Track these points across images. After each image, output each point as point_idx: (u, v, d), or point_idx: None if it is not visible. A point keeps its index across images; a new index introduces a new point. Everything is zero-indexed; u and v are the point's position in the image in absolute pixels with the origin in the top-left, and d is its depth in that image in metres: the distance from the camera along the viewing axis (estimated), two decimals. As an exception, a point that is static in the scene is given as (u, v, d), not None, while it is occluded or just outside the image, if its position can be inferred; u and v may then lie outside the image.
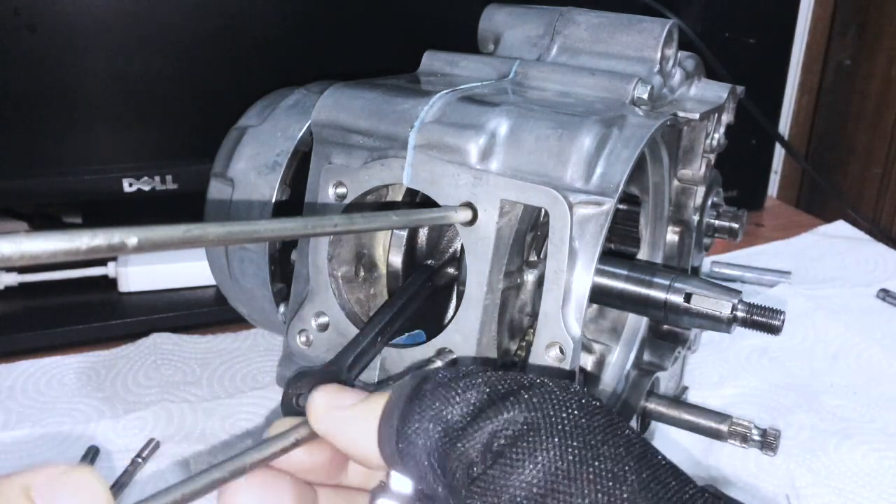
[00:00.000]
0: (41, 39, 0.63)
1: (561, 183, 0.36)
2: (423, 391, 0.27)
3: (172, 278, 0.71)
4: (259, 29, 0.70)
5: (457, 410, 0.26)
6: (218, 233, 0.25)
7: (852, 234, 0.91)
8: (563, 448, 0.25)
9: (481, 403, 0.26)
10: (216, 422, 0.55)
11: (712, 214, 0.52)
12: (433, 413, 0.26)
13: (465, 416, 0.26)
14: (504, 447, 0.25)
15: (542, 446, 0.24)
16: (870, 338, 0.68)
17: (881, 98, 0.96)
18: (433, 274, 0.43)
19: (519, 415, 0.25)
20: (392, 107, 0.39)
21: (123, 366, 0.61)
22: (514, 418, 0.25)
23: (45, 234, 0.20)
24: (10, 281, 0.68)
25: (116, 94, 0.68)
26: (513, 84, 0.44)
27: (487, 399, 0.26)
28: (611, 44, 0.46)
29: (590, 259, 0.35)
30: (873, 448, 0.55)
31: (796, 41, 0.99)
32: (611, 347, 0.51)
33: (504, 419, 0.25)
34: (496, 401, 0.26)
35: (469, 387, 0.27)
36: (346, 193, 0.40)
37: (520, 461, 0.24)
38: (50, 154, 0.67)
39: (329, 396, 0.29)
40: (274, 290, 0.46)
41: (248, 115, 0.49)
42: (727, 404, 0.59)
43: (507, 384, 0.27)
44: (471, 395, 0.26)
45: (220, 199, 0.47)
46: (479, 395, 0.26)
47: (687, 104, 0.46)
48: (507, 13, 0.49)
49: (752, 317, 0.42)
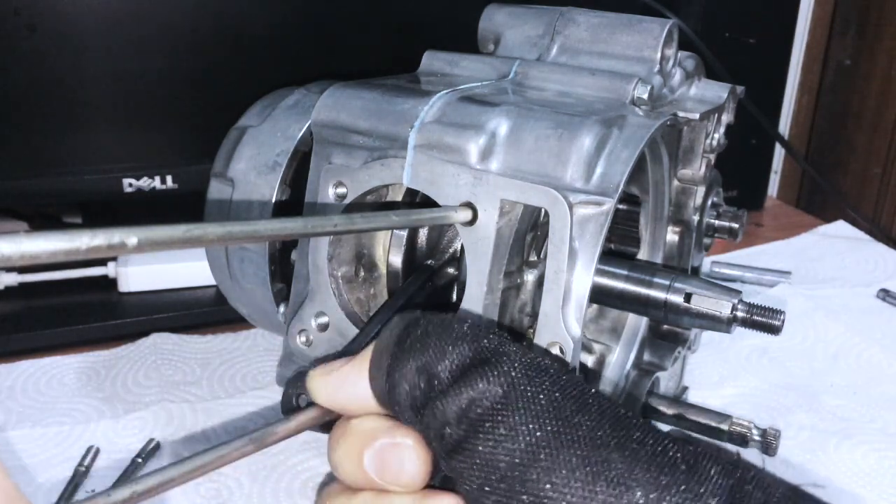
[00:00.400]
0: (41, 39, 0.63)
1: (561, 183, 0.36)
2: (413, 336, 0.28)
3: (172, 278, 0.71)
4: (259, 29, 0.70)
5: (443, 367, 0.27)
6: (218, 233, 0.25)
7: (852, 234, 0.91)
8: (542, 421, 0.25)
9: (464, 365, 0.27)
10: (216, 422, 0.55)
11: (712, 214, 0.52)
12: (420, 364, 0.28)
13: (450, 376, 0.27)
14: (483, 418, 0.26)
15: (521, 420, 0.25)
16: (870, 338, 0.68)
17: (881, 98, 0.96)
18: (433, 274, 0.43)
19: (497, 387, 0.26)
20: (392, 107, 0.39)
21: (123, 366, 0.61)
22: (492, 390, 0.26)
23: (45, 234, 0.20)
24: (10, 281, 0.68)
25: (116, 93, 0.68)
26: (513, 84, 0.44)
27: (471, 361, 0.27)
28: (611, 44, 0.46)
29: (590, 259, 0.35)
30: (873, 448, 0.55)
31: (796, 41, 0.99)
32: (611, 347, 0.51)
33: (482, 388, 0.26)
34: (478, 365, 0.27)
35: (457, 342, 0.28)
36: (346, 193, 0.40)
37: (502, 435, 0.25)
38: (50, 154, 0.67)
39: (322, 369, 0.31)
40: (274, 290, 0.46)
41: (248, 115, 0.49)
42: (727, 404, 0.59)
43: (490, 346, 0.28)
44: (457, 354, 0.27)
45: (220, 199, 0.47)
46: (464, 354, 0.27)
47: (687, 104, 0.46)
48: (507, 13, 0.49)
49: (752, 317, 0.42)
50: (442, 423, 0.26)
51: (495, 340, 0.28)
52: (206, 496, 0.48)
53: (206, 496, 0.48)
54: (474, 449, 0.25)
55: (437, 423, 0.27)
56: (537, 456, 0.24)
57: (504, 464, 0.25)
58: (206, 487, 0.49)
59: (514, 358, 0.27)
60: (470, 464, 0.25)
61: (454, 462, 0.26)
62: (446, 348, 0.28)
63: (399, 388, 0.28)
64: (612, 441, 0.25)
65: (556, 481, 0.24)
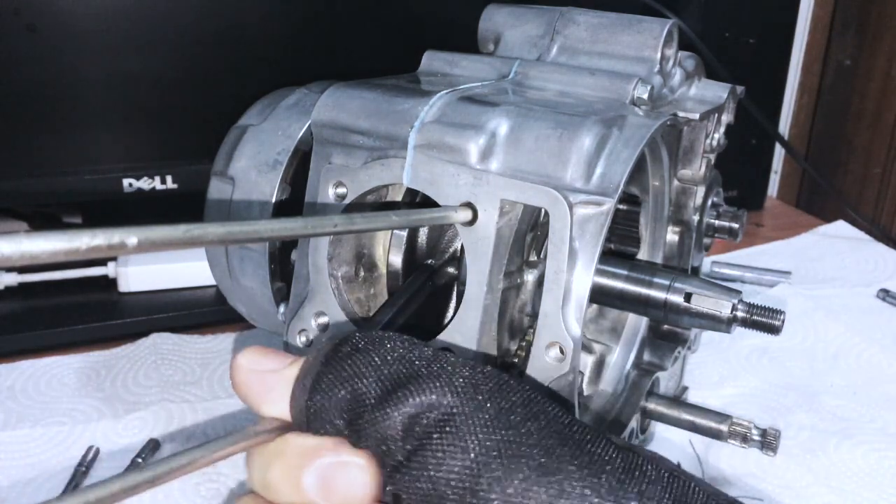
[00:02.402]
0: (41, 39, 0.63)
1: (561, 183, 0.36)
2: (340, 354, 0.27)
3: (172, 278, 0.71)
4: (259, 29, 0.70)
5: (370, 381, 0.26)
6: (218, 233, 0.25)
7: (852, 234, 0.91)
8: (492, 430, 0.24)
9: (397, 378, 0.26)
10: (216, 422, 0.55)
11: (712, 214, 0.52)
12: (344, 378, 0.26)
13: (379, 389, 0.26)
14: (429, 430, 0.25)
15: (470, 430, 0.24)
16: (870, 338, 0.68)
17: (881, 98, 0.96)
18: (433, 274, 0.43)
19: (442, 398, 0.25)
20: (392, 107, 0.39)
21: (123, 366, 0.61)
22: (437, 402, 0.25)
23: (45, 234, 0.20)
24: (10, 281, 0.68)
25: (117, 93, 0.68)
26: (513, 84, 0.44)
27: (405, 374, 0.26)
28: (611, 44, 0.46)
29: (590, 259, 0.35)
30: (873, 448, 0.55)
31: (796, 41, 0.99)
32: (611, 347, 0.51)
33: (424, 401, 0.25)
34: (413, 378, 0.26)
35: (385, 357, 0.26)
36: (346, 193, 0.40)
37: (451, 446, 0.24)
38: (50, 154, 0.67)
39: (251, 360, 0.29)
40: (274, 290, 0.46)
41: (249, 115, 0.49)
42: (727, 404, 0.59)
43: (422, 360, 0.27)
44: (385, 369, 0.26)
45: (221, 199, 0.47)
46: (394, 368, 0.26)
47: (687, 104, 0.46)
48: (507, 13, 0.49)
49: (752, 317, 0.42)
50: (379, 441, 0.25)
51: (429, 353, 0.27)
52: (207, 496, 0.48)
53: (206, 496, 0.48)
54: (424, 463, 0.24)
55: (372, 440, 0.25)
56: (489, 465, 0.24)
57: (455, 475, 0.24)
58: (206, 487, 0.49)
59: (454, 369, 0.26)
60: (417, 478, 0.24)
61: (399, 478, 0.25)
62: (375, 362, 0.26)
63: (322, 409, 0.26)
64: (562, 448, 0.24)
65: (509, 491, 0.23)
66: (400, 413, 0.25)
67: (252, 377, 0.28)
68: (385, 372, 0.26)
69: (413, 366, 0.26)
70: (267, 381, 0.28)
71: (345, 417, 0.26)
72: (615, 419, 0.48)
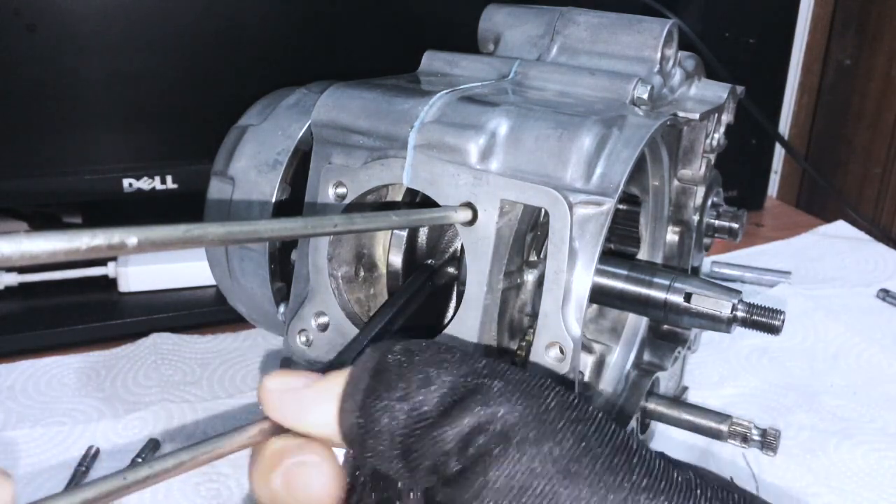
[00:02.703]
0: (41, 39, 0.63)
1: (561, 183, 0.36)
2: (389, 365, 0.26)
3: (172, 278, 0.71)
4: (259, 29, 0.70)
5: (432, 395, 0.25)
6: (218, 233, 0.25)
7: (852, 234, 0.91)
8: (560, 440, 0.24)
9: (457, 391, 0.25)
10: (216, 422, 0.55)
11: (712, 214, 0.52)
12: (401, 393, 0.26)
13: (442, 403, 0.25)
14: (491, 443, 0.24)
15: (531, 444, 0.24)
16: (870, 338, 0.68)
17: (881, 98, 0.96)
18: (433, 274, 0.43)
19: (504, 409, 0.25)
20: (392, 107, 0.39)
21: (123, 366, 0.61)
22: (501, 413, 0.24)
23: (45, 234, 0.20)
24: (10, 281, 0.68)
25: (117, 93, 0.68)
26: (513, 84, 0.44)
27: (464, 387, 0.25)
28: (611, 44, 0.46)
29: (590, 259, 0.35)
30: (873, 448, 0.55)
31: (796, 41, 0.99)
32: (611, 347, 0.51)
33: (487, 413, 0.24)
34: (474, 390, 0.25)
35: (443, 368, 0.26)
36: (346, 193, 0.40)
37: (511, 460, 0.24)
38: (50, 154, 0.67)
39: (281, 381, 0.28)
40: (274, 289, 0.46)
41: (249, 115, 0.49)
42: (727, 404, 0.59)
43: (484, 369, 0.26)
44: (445, 380, 0.26)
45: (221, 199, 0.47)
46: (455, 381, 0.26)
47: (687, 104, 0.46)
48: (507, 13, 0.49)
49: (752, 317, 0.42)
50: (438, 455, 0.25)
51: (487, 363, 0.27)
52: (207, 496, 0.48)
53: (206, 496, 0.48)
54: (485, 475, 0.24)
55: (432, 454, 0.25)
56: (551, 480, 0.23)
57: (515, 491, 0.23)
58: (206, 488, 0.49)
59: (513, 378, 0.26)
60: (477, 491, 0.24)
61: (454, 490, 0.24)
62: (431, 375, 0.26)
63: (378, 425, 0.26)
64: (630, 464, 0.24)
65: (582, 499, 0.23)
66: (461, 426, 0.25)
67: (287, 396, 0.28)
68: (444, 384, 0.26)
69: (473, 377, 0.26)
70: (303, 397, 0.28)
71: (403, 432, 0.25)
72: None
